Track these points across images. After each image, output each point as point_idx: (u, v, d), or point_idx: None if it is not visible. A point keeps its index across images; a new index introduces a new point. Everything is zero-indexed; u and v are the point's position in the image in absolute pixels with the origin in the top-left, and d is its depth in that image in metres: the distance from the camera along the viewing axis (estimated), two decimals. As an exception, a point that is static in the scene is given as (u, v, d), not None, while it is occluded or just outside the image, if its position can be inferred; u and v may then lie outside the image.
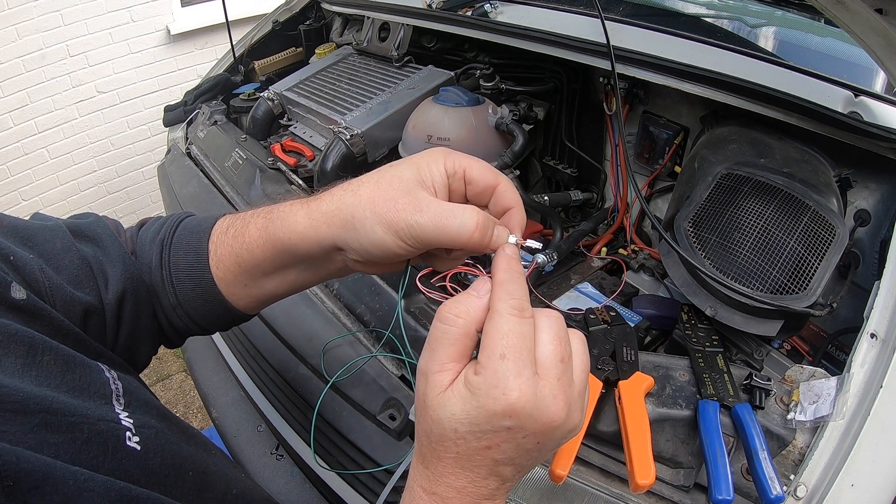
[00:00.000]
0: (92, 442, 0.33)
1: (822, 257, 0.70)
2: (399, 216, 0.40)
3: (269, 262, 0.48)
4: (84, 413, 0.34)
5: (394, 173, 0.43)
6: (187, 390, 2.22)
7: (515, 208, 0.44)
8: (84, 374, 0.37)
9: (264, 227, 0.47)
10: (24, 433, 0.30)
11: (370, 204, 0.41)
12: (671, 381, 0.63)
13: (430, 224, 0.40)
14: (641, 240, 1.15)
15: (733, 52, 0.95)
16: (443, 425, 0.35)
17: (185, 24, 2.86)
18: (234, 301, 0.52)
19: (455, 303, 0.37)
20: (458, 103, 1.13)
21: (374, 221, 0.41)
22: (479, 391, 0.34)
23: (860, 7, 0.56)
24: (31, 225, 0.46)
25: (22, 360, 0.34)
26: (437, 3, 1.39)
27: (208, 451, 0.46)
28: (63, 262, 0.44)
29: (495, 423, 0.33)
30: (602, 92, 1.17)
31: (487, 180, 0.44)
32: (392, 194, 0.41)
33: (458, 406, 0.34)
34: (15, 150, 2.59)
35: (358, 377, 0.73)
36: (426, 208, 0.40)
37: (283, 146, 1.27)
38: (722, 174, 0.80)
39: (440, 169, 0.43)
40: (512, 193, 0.44)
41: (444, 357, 0.36)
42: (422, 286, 0.78)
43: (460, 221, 0.40)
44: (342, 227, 0.43)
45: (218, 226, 0.52)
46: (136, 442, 0.36)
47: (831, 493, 0.52)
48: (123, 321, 0.48)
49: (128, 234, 0.53)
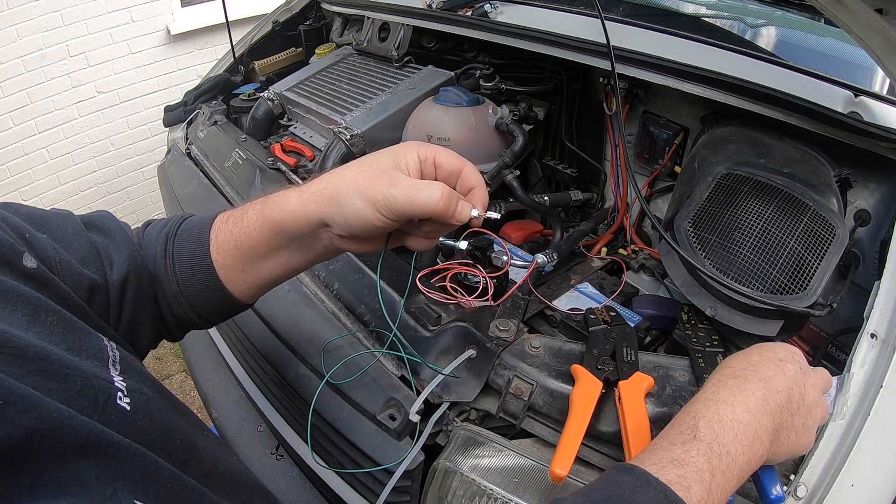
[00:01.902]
0: (84, 394, 0.35)
1: (822, 257, 0.70)
2: (377, 190, 0.47)
3: (264, 243, 0.53)
4: (79, 368, 0.36)
5: (374, 158, 0.51)
6: (187, 390, 2.22)
7: (478, 187, 0.53)
8: (84, 338, 0.39)
9: (260, 210, 0.53)
10: (22, 376, 0.32)
11: (352, 181, 0.49)
12: (671, 381, 0.63)
13: (403, 196, 0.47)
14: (641, 240, 1.15)
15: (733, 52, 0.95)
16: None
17: (185, 24, 2.86)
18: (232, 287, 0.56)
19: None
20: (458, 103, 1.13)
21: (356, 196, 0.48)
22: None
23: (860, 7, 0.56)
24: (46, 212, 0.50)
25: (27, 318, 0.37)
26: (437, 3, 1.39)
27: (200, 430, 0.47)
28: (73, 244, 0.48)
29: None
30: (602, 92, 1.17)
31: (453, 165, 0.52)
32: (371, 173, 0.49)
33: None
34: (15, 150, 2.59)
35: (358, 377, 0.73)
36: (399, 183, 0.48)
37: (283, 146, 1.27)
38: (722, 174, 0.80)
39: (413, 155, 0.51)
40: (475, 175, 0.53)
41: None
42: (422, 286, 0.78)
43: (427, 192, 0.48)
44: (328, 203, 0.49)
45: (219, 217, 0.57)
46: (127, 403, 0.37)
47: (831, 493, 0.52)
48: (126, 303, 0.51)
49: (135, 232, 0.57)
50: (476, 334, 0.70)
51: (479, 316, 0.73)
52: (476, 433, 0.65)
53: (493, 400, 0.68)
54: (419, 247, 0.56)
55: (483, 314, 0.74)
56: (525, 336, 0.71)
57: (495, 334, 0.70)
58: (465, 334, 0.70)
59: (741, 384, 0.48)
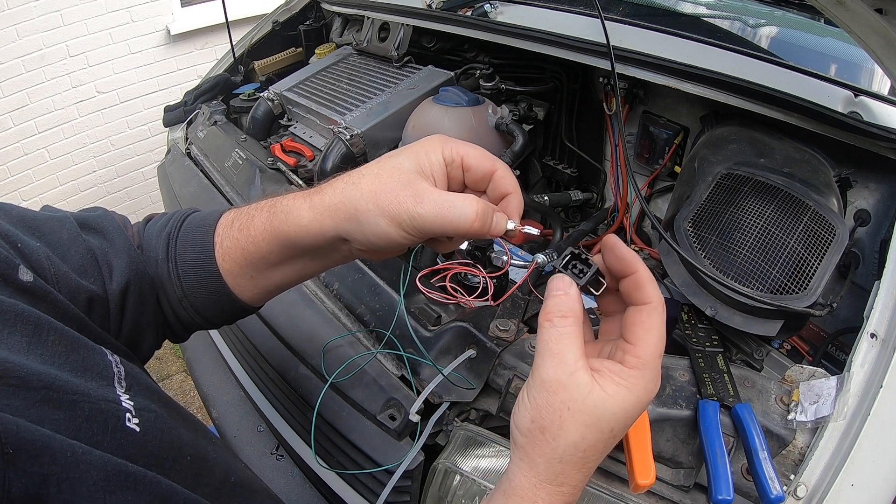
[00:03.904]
0: (92, 420, 0.34)
1: (822, 257, 0.70)
2: (401, 208, 0.41)
3: (275, 254, 0.49)
4: (86, 392, 0.35)
5: (393, 164, 0.43)
6: (187, 390, 2.22)
7: (513, 194, 0.46)
8: (88, 356, 0.38)
9: (268, 220, 0.48)
10: (27, 408, 0.31)
11: (372, 197, 0.42)
12: (671, 381, 0.63)
13: (431, 215, 0.41)
14: (641, 240, 1.15)
15: (733, 52, 0.95)
16: (601, 426, 0.36)
17: (185, 24, 2.86)
18: (240, 293, 0.52)
19: (558, 303, 0.39)
20: (458, 103, 1.13)
21: (377, 214, 0.42)
22: (637, 387, 0.36)
23: (860, 7, 0.56)
24: (39, 216, 0.46)
25: (28, 339, 0.35)
26: (437, 3, 1.39)
27: (208, 439, 0.47)
28: (69, 251, 0.45)
29: (638, 413, 0.37)
30: (602, 92, 1.17)
31: (485, 167, 0.45)
32: (393, 186, 0.42)
33: (619, 405, 0.36)
34: (15, 150, 2.59)
35: (358, 377, 0.73)
36: (427, 199, 0.41)
37: (283, 146, 1.27)
38: (722, 174, 0.80)
39: (438, 158, 0.44)
40: (510, 179, 0.45)
41: (575, 356, 0.37)
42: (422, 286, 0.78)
43: (460, 212, 0.41)
44: (346, 220, 0.44)
45: (223, 219, 0.52)
46: (136, 423, 0.36)
47: (831, 493, 0.52)
48: (127, 312, 0.48)
49: (135, 229, 0.54)
50: (476, 334, 0.70)
51: (479, 316, 0.73)
52: (476, 433, 0.64)
53: (493, 400, 0.68)
54: (443, 249, 0.52)
55: (483, 314, 0.74)
56: (525, 336, 0.71)
57: (495, 334, 0.70)
58: (465, 334, 0.70)
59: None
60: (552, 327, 0.38)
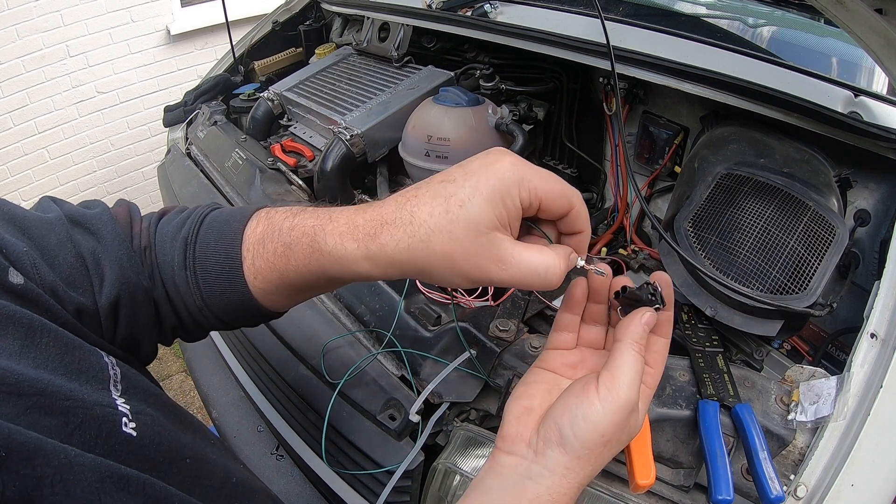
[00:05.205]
0: (85, 426, 0.33)
1: (822, 257, 0.70)
2: (482, 274, 0.38)
3: (321, 285, 0.48)
4: (80, 397, 0.34)
5: (469, 219, 0.37)
6: (187, 390, 2.22)
7: (585, 232, 0.43)
8: (83, 358, 0.37)
9: (312, 257, 0.44)
10: (18, 415, 0.30)
11: (447, 260, 0.38)
12: (671, 381, 0.63)
13: (514, 280, 0.39)
14: (641, 240, 1.15)
15: (733, 52, 0.95)
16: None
17: (185, 24, 2.86)
18: (270, 305, 0.50)
19: (644, 333, 0.42)
20: (458, 103, 1.13)
21: (453, 275, 0.39)
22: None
23: (860, 7, 0.56)
24: (30, 216, 0.44)
25: (20, 342, 0.34)
26: (437, 3, 1.39)
27: (207, 440, 0.46)
28: (57, 258, 0.42)
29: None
30: (602, 92, 1.17)
31: (561, 209, 0.41)
32: (472, 251, 0.38)
33: (610, 418, 0.39)
34: (15, 150, 2.59)
35: (358, 377, 0.73)
36: (511, 265, 0.38)
37: (283, 146, 1.27)
38: (722, 174, 0.80)
39: (516, 204, 0.39)
40: (584, 215, 0.42)
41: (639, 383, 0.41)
42: (422, 286, 0.78)
43: (544, 279, 0.39)
44: (415, 273, 0.41)
45: (251, 232, 0.48)
46: (133, 428, 0.36)
47: (831, 493, 0.52)
48: (120, 323, 0.46)
49: (144, 225, 0.50)
50: (476, 334, 0.70)
51: (479, 316, 0.73)
52: (476, 433, 0.64)
53: (493, 400, 0.68)
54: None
55: (483, 314, 0.74)
56: (525, 336, 0.71)
57: (495, 334, 0.70)
58: (465, 334, 0.70)
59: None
60: (639, 355, 0.40)
